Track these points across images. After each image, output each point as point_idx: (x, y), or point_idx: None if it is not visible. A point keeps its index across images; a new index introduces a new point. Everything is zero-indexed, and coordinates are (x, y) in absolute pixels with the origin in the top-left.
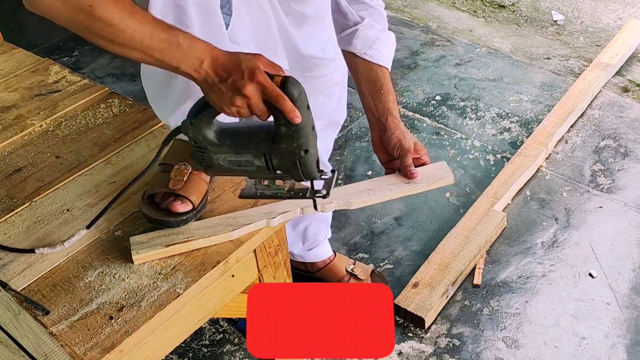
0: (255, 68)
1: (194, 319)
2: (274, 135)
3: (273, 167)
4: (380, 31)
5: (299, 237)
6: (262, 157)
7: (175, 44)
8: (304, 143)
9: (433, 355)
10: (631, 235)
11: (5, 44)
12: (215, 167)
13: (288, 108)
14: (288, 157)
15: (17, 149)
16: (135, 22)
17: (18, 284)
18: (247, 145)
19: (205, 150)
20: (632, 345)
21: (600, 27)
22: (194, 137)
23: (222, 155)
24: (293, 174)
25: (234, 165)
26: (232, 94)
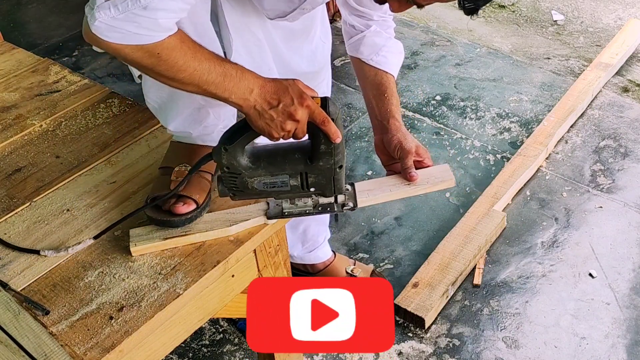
0: (302, 93)
1: (194, 319)
2: (310, 154)
3: (307, 185)
4: (387, 39)
5: (298, 239)
6: (298, 176)
7: (229, 76)
8: (340, 159)
9: (433, 355)
10: (631, 235)
11: (5, 44)
12: (248, 192)
13: (333, 130)
14: (324, 174)
15: (17, 149)
16: (196, 62)
17: (18, 284)
18: (284, 166)
19: (239, 175)
20: (632, 345)
21: (600, 27)
22: (227, 163)
23: (257, 178)
24: (325, 191)
25: (268, 187)
26: (283, 119)
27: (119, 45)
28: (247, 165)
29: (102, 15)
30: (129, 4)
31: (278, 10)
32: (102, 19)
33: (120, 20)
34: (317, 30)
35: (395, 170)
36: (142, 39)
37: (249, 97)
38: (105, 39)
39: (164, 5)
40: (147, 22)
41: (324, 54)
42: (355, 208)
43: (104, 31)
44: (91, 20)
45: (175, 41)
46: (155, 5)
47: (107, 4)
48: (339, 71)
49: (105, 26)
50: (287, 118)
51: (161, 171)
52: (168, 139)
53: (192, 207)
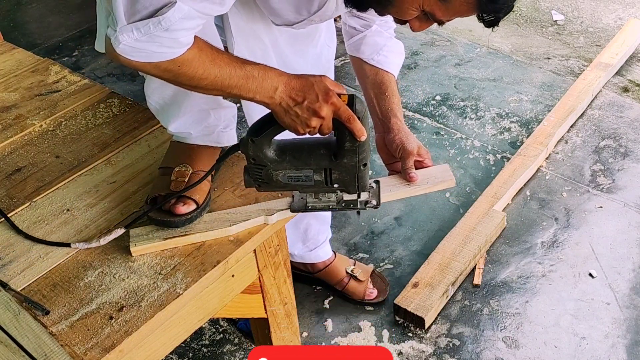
0: (328, 90)
1: (194, 319)
2: (335, 151)
3: (331, 181)
4: (388, 38)
5: (299, 238)
6: (322, 172)
7: (251, 77)
8: (365, 157)
9: (433, 355)
10: (631, 235)
11: (5, 44)
12: (273, 184)
13: (358, 127)
14: (348, 171)
15: (17, 149)
16: (216, 69)
17: (18, 284)
18: (308, 161)
19: (264, 167)
20: (632, 345)
21: (600, 27)
22: (254, 155)
23: (282, 171)
24: (349, 187)
25: (293, 180)
26: (308, 116)
27: (143, 63)
28: (273, 158)
29: (126, 38)
30: (150, 27)
31: (285, 19)
32: (126, 41)
33: (143, 42)
34: (322, 34)
35: (396, 170)
36: (164, 57)
37: (273, 95)
38: (130, 59)
39: (184, 25)
40: (169, 42)
41: (328, 58)
42: (379, 206)
43: (129, 53)
44: (115, 43)
45: (193, 52)
46: (175, 26)
47: (129, 27)
48: (339, 71)
49: (129, 48)
50: (312, 115)
51: (161, 171)
52: (168, 139)
53: (192, 208)
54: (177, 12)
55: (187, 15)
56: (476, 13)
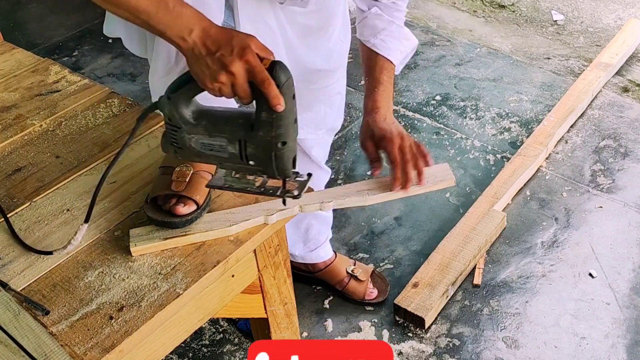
0: (246, 46)
1: (194, 319)
2: (252, 122)
3: (247, 156)
4: (389, 22)
5: (300, 238)
6: (236, 143)
7: (164, 7)
8: (283, 134)
9: (433, 355)
10: (631, 235)
11: (5, 44)
12: (186, 150)
13: (273, 93)
14: (264, 147)
15: (17, 149)
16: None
17: (18, 284)
18: (223, 128)
19: (179, 130)
20: (632, 345)
21: (600, 27)
22: (169, 114)
23: (195, 136)
24: (266, 168)
25: (206, 149)
26: (217, 69)
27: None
28: (188, 119)
29: None
30: None
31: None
32: None
33: None
34: (336, 28)
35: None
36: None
37: (187, 37)
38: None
39: None
40: None
41: (341, 53)
42: (298, 197)
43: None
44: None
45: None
46: None
47: None
48: None
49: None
50: (221, 68)
51: (161, 170)
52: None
53: (193, 208)
54: None
55: None
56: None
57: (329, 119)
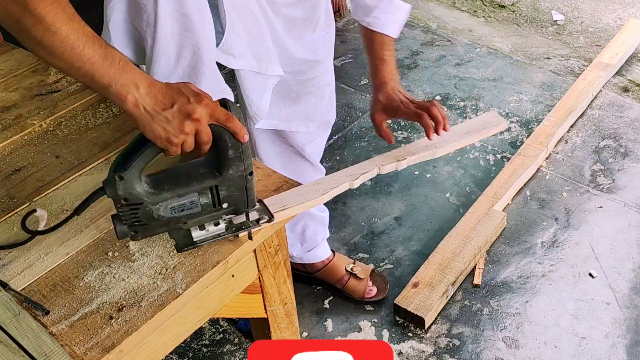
0: (197, 92)
1: (194, 319)
2: (217, 165)
3: (220, 200)
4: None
5: (297, 239)
6: (208, 192)
7: (110, 59)
8: (250, 164)
9: (433, 355)
10: (631, 235)
11: (5, 44)
12: (154, 223)
13: (238, 127)
14: (236, 184)
15: (17, 149)
16: (70, 28)
17: (18, 284)
18: (190, 183)
19: (140, 206)
20: (632, 345)
21: (600, 27)
22: (124, 194)
23: (162, 204)
24: (238, 205)
25: (177, 212)
26: (181, 119)
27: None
28: (149, 191)
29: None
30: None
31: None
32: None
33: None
34: (320, 19)
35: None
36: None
37: (134, 93)
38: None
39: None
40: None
41: (327, 44)
42: (272, 220)
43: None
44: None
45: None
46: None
47: None
48: (339, 71)
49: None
50: (185, 118)
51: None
52: None
53: None
54: None
55: None
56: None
57: (320, 111)
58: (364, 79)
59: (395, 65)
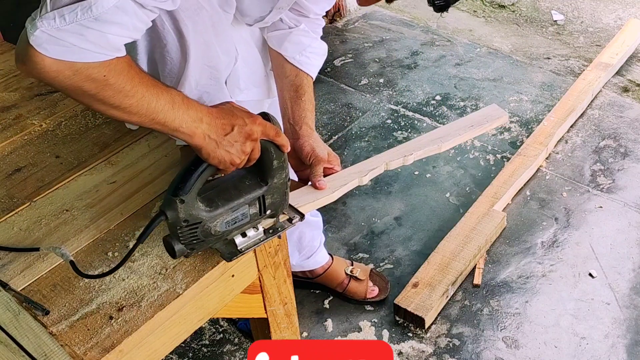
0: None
1: (194, 319)
2: (262, 175)
3: (265, 208)
4: (314, 39)
5: (295, 248)
6: (256, 202)
7: (177, 103)
8: (289, 171)
9: (433, 355)
10: (631, 235)
11: (5, 44)
12: (210, 238)
13: (285, 140)
14: (279, 191)
15: (17, 149)
16: (144, 88)
17: (18, 284)
18: (240, 196)
19: (199, 224)
20: (632, 345)
21: (600, 27)
22: (185, 216)
23: (218, 220)
24: (278, 209)
25: (230, 224)
26: (242, 142)
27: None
28: (205, 209)
29: (45, 25)
30: (78, 13)
31: (256, 15)
32: (44, 28)
33: (65, 31)
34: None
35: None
36: (87, 56)
37: (200, 125)
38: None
39: (118, 18)
40: (95, 36)
41: None
42: (304, 218)
43: (43, 42)
44: (31, 31)
45: (123, 64)
46: (107, 17)
47: (52, 14)
48: (339, 71)
49: (46, 37)
50: (246, 139)
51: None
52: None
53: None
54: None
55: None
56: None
57: None
58: (364, 79)
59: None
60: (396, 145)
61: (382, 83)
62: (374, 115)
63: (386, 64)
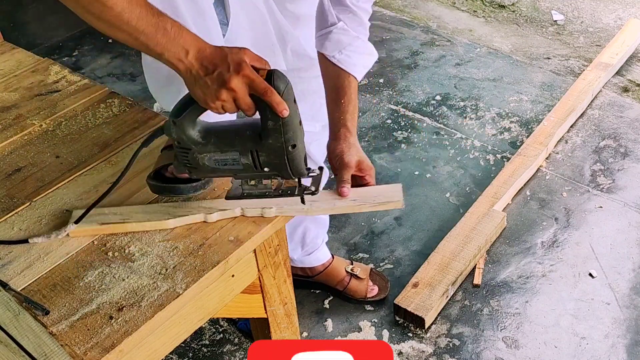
0: (241, 61)
1: (194, 319)
2: (260, 131)
3: (260, 164)
4: (355, 38)
5: (297, 244)
6: (249, 154)
7: (162, 29)
8: (292, 137)
9: (433, 355)
10: (631, 235)
11: (5, 44)
12: (200, 168)
13: (276, 100)
14: (276, 153)
15: (17, 149)
16: (125, 3)
17: (18, 284)
18: (233, 143)
19: (190, 151)
20: (632, 345)
21: (600, 27)
22: (177, 138)
23: (207, 154)
24: (281, 172)
25: (220, 164)
26: (217, 87)
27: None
28: (197, 140)
29: None
30: None
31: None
32: None
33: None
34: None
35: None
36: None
37: (184, 58)
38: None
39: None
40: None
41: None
42: (317, 193)
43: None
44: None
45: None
46: None
47: None
48: None
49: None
50: (221, 86)
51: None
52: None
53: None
54: None
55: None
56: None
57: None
58: (364, 79)
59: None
60: (396, 145)
61: (382, 83)
62: (373, 115)
63: (386, 64)
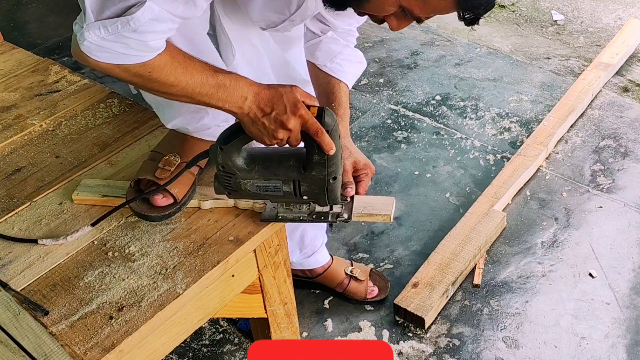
0: (296, 101)
1: (194, 319)
2: (304, 163)
3: (300, 193)
4: (345, 46)
5: (296, 245)
6: (290, 183)
7: (222, 87)
8: (334, 171)
9: (433, 355)
10: (631, 235)
11: (5, 44)
12: (242, 193)
13: (326, 141)
14: (317, 184)
15: (17, 149)
16: (188, 76)
17: (18, 284)
18: (277, 172)
19: (233, 176)
20: (632, 345)
21: (600, 27)
22: (222, 163)
23: (250, 180)
24: (318, 200)
25: (262, 190)
26: (275, 128)
27: (109, 64)
28: (242, 166)
29: (92, 35)
30: (118, 26)
31: (268, 20)
32: (91, 39)
33: (109, 41)
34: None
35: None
36: (131, 59)
37: (242, 105)
38: (94, 59)
39: (153, 28)
40: (136, 44)
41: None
42: (349, 220)
43: (93, 51)
44: (80, 40)
45: (164, 59)
46: (144, 28)
47: (97, 24)
48: None
49: (94, 46)
50: (279, 127)
51: (151, 155)
52: None
53: (170, 202)
54: (147, 12)
55: (158, 16)
56: (455, 10)
57: None
58: (364, 79)
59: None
60: (396, 145)
61: (382, 83)
62: (373, 115)
63: (386, 64)
